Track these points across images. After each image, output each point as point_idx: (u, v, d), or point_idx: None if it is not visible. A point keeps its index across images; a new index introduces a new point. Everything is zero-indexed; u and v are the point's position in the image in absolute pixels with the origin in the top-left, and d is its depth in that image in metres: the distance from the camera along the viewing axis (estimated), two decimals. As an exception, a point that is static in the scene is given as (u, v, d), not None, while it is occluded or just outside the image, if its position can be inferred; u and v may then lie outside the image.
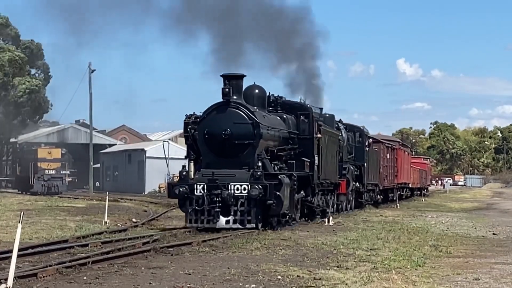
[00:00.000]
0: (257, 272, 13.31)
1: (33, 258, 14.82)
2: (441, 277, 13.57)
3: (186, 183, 22.76)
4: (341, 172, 32.83)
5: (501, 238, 23.01)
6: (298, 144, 26.11)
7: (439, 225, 28.11)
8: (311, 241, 19.46)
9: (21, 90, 60.66)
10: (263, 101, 25.60)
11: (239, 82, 23.99)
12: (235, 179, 22.51)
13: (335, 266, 14.58)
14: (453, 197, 70.47)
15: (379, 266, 14.67)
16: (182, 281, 12.10)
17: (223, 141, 23.06)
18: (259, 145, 23.18)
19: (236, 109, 23.30)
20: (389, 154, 47.54)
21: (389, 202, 47.62)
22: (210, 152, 23.43)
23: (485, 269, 14.81)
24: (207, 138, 23.36)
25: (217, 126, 23.17)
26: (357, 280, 12.61)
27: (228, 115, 23.26)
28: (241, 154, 23.12)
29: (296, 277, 12.87)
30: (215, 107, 23.53)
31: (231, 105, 23.34)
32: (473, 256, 17.40)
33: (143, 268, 13.57)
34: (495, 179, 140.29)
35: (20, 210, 13.60)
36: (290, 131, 26.24)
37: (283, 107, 27.00)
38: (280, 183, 22.63)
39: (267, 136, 23.92)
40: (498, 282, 13.04)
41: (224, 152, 23.19)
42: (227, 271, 13.25)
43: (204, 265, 14.04)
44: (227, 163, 23.03)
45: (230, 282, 12.20)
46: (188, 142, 24.49)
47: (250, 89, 25.40)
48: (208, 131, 23.31)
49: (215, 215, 22.10)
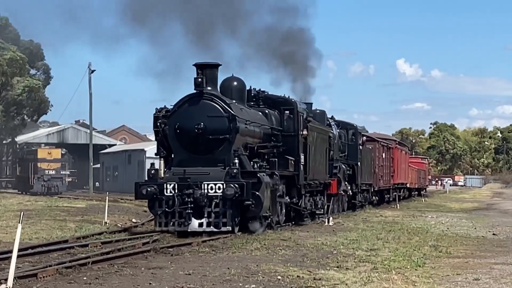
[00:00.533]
0: (257, 272, 13.31)
1: (33, 258, 14.83)
2: (441, 277, 13.57)
3: (155, 183, 21.00)
4: (332, 171, 30.96)
5: (501, 239, 23.01)
6: (282, 142, 24.40)
7: (439, 226, 28.10)
8: (311, 241, 19.45)
9: (19, 88, 60.65)
10: (242, 94, 23.55)
11: (213, 72, 22.04)
12: (209, 177, 20.77)
13: (335, 266, 14.58)
14: (453, 198, 70.42)
15: (379, 266, 14.67)
16: (182, 281, 12.10)
17: (196, 136, 21.31)
18: (235, 141, 21.37)
19: (210, 101, 21.47)
20: (384, 154, 45.81)
21: (385, 203, 46.17)
22: (182, 149, 21.64)
23: (485, 269, 14.81)
24: (178, 133, 21.56)
25: (189, 120, 21.38)
26: (357, 280, 12.62)
27: (201, 107, 21.43)
28: (216, 150, 21.38)
29: (296, 278, 12.87)
30: (187, 99, 21.72)
31: (205, 96, 21.50)
32: (473, 257, 17.40)
33: (143, 268, 13.57)
34: (495, 179, 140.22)
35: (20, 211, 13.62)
36: (272, 127, 24.47)
37: (265, 102, 25.16)
38: (260, 182, 20.91)
39: (245, 131, 22.10)
40: (498, 282, 13.04)
41: (197, 149, 21.46)
42: (227, 271, 13.25)
43: (204, 265, 14.04)
44: (200, 160, 21.30)
45: (230, 282, 12.20)
46: (158, 138, 22.54)
47: (228, 81, 23.49)
48: (179, 125, 21.52)
49: (186, 217, 20.38)
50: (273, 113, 24.90)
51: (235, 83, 23.55)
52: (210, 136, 21.30)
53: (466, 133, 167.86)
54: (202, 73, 21.53)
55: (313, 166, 26.70)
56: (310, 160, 26.22)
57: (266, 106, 25.00)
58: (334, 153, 31.76)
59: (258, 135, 23.33)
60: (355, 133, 36.84)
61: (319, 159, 28.00)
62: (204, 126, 21.22)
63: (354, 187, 36.78)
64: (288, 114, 25.05)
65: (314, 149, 27.07)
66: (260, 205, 20.81)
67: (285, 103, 25.45)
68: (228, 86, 23.22)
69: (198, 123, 21.23)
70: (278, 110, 25.09)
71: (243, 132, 21.91)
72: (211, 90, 21.67)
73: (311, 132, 26.44)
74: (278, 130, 24.67)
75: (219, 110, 21.39)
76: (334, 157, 31.66)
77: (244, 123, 21.90)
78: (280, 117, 25.05)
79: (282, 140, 24.44)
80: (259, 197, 20.76)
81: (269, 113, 24.66)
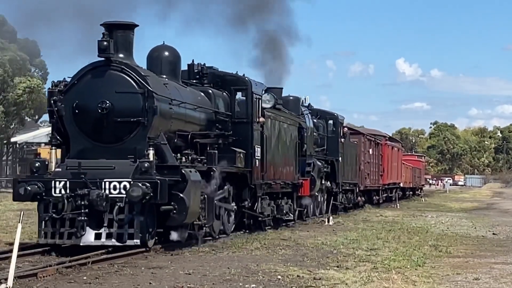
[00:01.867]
0: (257, 272, 13.31)
1: (33, 258, 14.80)
2: (441, 277, 13.56)
3: (40, 179, 15.71)
4: (304, 169, 26.13)
5: (501, 238, 22.99)
6: (232, 130, 19.69)
7: (439, 225, 28.09)
8: (311, 241, 19.45)
9: (20, 88, 60.64)
10: (174, 68, 18.61)
11: (127, 35, 16.68)
12: (113, 173, 15.57)
13: (335, 266, 14.57)
14: (453, 197, 70.43)
15: (379, 266, 14.66)
16: (182, 281, 12.10)
17: (100, 118, 16.10)
18: (152, 125, 16.21)
19: (119, 72, 16.23)
20: (372, 149, 40.52)
21: (374, 205, 41.40)
22: (82, 135, 16.37)
23: (485, 269, 14.80)
24: (77, 114, 16.31)
25: (92, 97, 16.16)
26: (357, 280, 12.61)
27: (107, 80, 16.22)
28: (126, 137, 16.19)
29: (296, 277, 12.87)
30: (89, 69, 16.47)
31: (113, 66, 16.24)
32: (473, 256, 17.39)
33: (143, 268, 13.56)
34: (495, 179, 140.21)
35: (20, 210, 13.56)
36: (217, 111, 19.59)
37: (212, 80, 20.41)
38: (185, 180, 15.78)
39: (171, 114, 17.05)
40: (498, 282, 13.04)
41: (101, 135, 16.27)
42: (227, 271, 13.25)
43: (204, 265, 14.03)
44: (106, 150, 16.14)
45: (230, 282, 12.20)
46: (52, 120, 16.87)
47: (157, 51, 18.55)
48: (78, 104, 16.27)
49: (79, 226, 15.12)
50: (219, 94, 20.11)
51: (166, 53, 18.59)
52: (118, 119, 16.11)
53: (466, 133, 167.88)
54: (110, 35, 16.26)
55: (274, 162, 22.11)
56: (269, 154, 21.52)
57: (212, 85, 20.26)
58: (308, 147, 26.79)
59: (195, 121, 18.46)
60: (336, 123, 31.54)
61: (284, 154, 23.23)
62: (110, 105, 16.04)
63: (335, 186, 31.43)
64: (241, 96, 20.45)
65: (277, 141, 22.52)
66: (184, 211, 15.71)
67: (236, 82, 20.62)
68: (157, 58, 18.44)
69: (102, 101, 16.03)
70: (228, 91, 20.41)
71: (167, 115, 16.86)
72: (123, 59, 16.45)
73: (272, 120, 22.01)
74: (225, 115, 19.91)
75: (131, 84, 16.20)
76: (308, 153, 26.79)
77: (168, 103, 16.86)
78: (230, 99, 20.35)
79: (232, 129, 19.76)
80: (183, 201, 15.66)
81: (214, 93, 19.75)
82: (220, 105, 19.92)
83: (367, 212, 36.45)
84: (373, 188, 41.81)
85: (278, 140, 22.64)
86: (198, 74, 20.49)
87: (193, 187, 15.98)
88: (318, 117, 30.46)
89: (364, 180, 38.33)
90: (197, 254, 15.91)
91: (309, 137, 26.97)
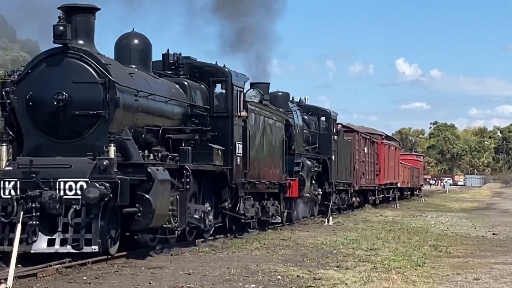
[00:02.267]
0: (257, 272, 13.30)
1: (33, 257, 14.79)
2: (441, 277, 13.56)
3: None
4: (292, 168, 24.71)
5: (501, 238, 22.99)
6: (211, 125, 18.28)
7: (439, 225, 28.11)
8: (311, 241, 19.45)
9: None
10: (145, 57, 17.05)
11: (87, 19, 15.09)
12: (69, 172, 14.00)
13: (335, 266, 14.57)
14: (453, 197, 70.46)
15: (379, 266, 14.66)
16: (182, 281, 12.09)
17: (56, 111, 14.63)
18: (114, 119, 14.67)
19: (77, 60, 14.76)
20: (367, 148, 38.97)
21: (371, 206, 40.40)
22: (36, 130, 14.89)
23: (485, 269, 14.80)
24: (30, 106, 14.83)
25: (47, 88, 14.71)
26: (357, 280, 12.61)
27: (64, 69, 14.74)
28: (85, 132, 14.71)
29: (296, 277, 12.86)
30: (44, 57, 15.03)
31: (71, 53, 14.75)
32: (473, 256, 17.39)
33: (143, 268, 13.56)
34: (495, 179, 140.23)
35: (20, 210, 13.55)
36: (193, 105, 18.16)
37: (189, 72, 18.94)
38: (151, 179, 14.24)
39: (137, 107, 15.47)
40: (498, 282, 13.03)
41: (57, 130, 14.78)
42: (227, 271, 13.25)
43: (204, 265, 14.03)
44: (62, 147, 14.66)
45: (230, 282, 12.20)
46: (5, 114, 15.44)
47: (126, 39, 16.93)
48: (32, 95, 14.80)
49: (30, 232, 13.44)
50: (196, 86, 18.71)
51: (136, 41, 16.98)
52: (76, 112, 14.66)
53: (466, 133, 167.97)
54: (67, 19, 14.73)
55: (258, 160, 20.80)
56: (252, 151, 20.18)
57: (189, 77, 18.82)
58: (297, 145, 25.47)
59: (167, 114, 17.00)
60: (328, 120, 29.88)
61: (270, 152, 21.97)
62: (67, 96, 14.59)
63: (327, 187, 29.84)
64: (220, 89, 19.06)
65: (262, 138, 21.23)
66: (150, 214, 14.18)
67: (215, 73, 19.13)
68: (126, 46, 16.85)
69: (58, 92, 14.57)
70: (207, 82, 19.01)
71: (132, 108, 15.32)
72: (82, 45, 14.93)
73: (256, 115, 20.76)
74: (203, 109, 18.55)
75: (90, 73, 14.76)
76: (297, 151, 25.49)
77: (134, 94, 15.36)
78: (208, 92, 18.99)
79: (210, 124, 18.37)
80: (148, 202, 14.15)
81: (190, 85, 18.31)
82: (197, 98, 18.47)
83: (367, 212, 36.47)
84: (368, 188, 40.35)
85: (263, 136, 21.30)
86: (174, 65, 18.91)
87: (160, 187, 14.43)
88: (310, 114, 29.12)
89: (359, 179, 36.93)
90: (197, 254, 15.92)
91: (298, 135, 25.69)
